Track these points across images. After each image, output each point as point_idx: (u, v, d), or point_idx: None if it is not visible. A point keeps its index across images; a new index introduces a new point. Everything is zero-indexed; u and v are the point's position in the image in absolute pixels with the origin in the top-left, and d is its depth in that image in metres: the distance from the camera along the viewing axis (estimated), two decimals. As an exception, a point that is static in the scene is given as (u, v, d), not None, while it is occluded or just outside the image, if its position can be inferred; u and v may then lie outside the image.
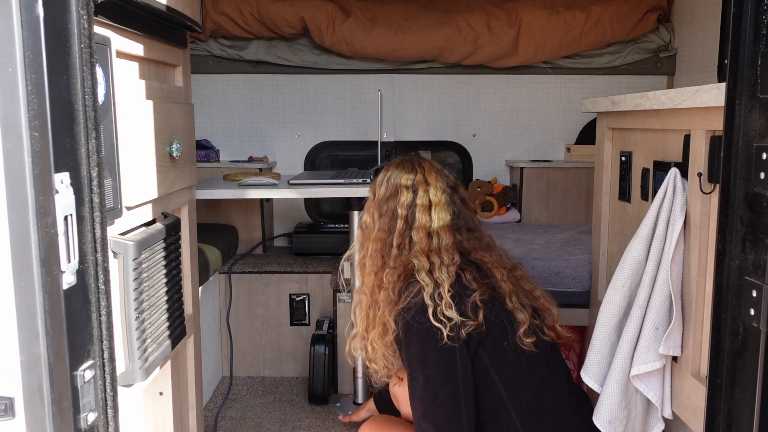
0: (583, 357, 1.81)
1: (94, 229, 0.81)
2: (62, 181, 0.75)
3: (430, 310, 1.47)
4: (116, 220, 1.21)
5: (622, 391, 1.50)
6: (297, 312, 2.86)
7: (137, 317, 1.23)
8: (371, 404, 2.22)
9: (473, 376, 1.48)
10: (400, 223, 1.60)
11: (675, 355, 1.48)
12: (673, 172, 1.47)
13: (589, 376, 1.58)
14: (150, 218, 1.40)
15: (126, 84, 1.26)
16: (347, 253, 1.78)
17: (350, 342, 1.74)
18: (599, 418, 1.52)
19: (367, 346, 1.65)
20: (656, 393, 1.49)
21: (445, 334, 1.45)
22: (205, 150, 3.25)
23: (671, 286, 1.42)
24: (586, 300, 2.27)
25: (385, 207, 1.63)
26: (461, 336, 1.46)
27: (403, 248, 1.60)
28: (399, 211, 1.61)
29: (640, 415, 1.53)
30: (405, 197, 1.61)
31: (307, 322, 2.86)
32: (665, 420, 1.56)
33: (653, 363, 1.44)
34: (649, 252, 1.49)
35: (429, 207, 1.60)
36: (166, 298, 1.40)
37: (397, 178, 1.65)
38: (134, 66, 1.36)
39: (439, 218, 1.59)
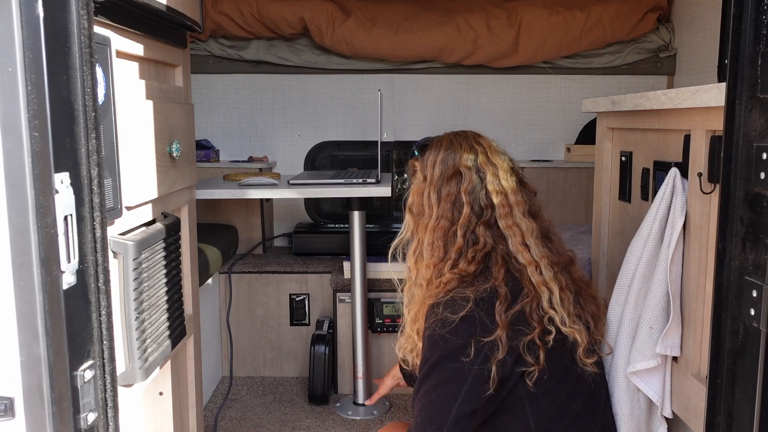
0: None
1: (94, 229, 0.81)
2: (62, 181, 0.75)
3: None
4: (116, 220, 1.21)
5: (619, 387, 1.52)
6: (297, 312, 2.86)
7: (137, 317, 1.22)
8: (395, 371, 1.97)
9: (506, 406, 1.37)
10: (466, 210, 1.42)
11: (674, 355, 1.48)
12: (673, 172, 1.47)
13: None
14: (150, 218, 1.40)
15: (126, 84, 1.26)
16: (397, 241, 1.55)
17: (400, 344, 1.57)
18: None
19: (417, 342, 1.49)
20: (657, 392, 1.49)
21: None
22: (205, 150, 3.25)
23: (670, 287, 1.43)
24: (586, 300, 2.27)
25: (446, 190, 1.44)
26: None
27: (469, 239, 1.42)
28: (464, 197, 1.43)
29: (644, 414, 1.53)
30: (468, 182, 1.44)
31: (307, 322, 2.86)
32: (665, 420, 1.57)
33: (647, 361, 1.46)
34: (651, 252, 1.50)
35: (504, 192, 1.45)
36: (166, 298, 1.40)
37: (455, 158, 1.46)
38: (134, 66, 1.36)
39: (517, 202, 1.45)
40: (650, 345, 1.45)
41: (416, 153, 1.55)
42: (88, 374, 0.80)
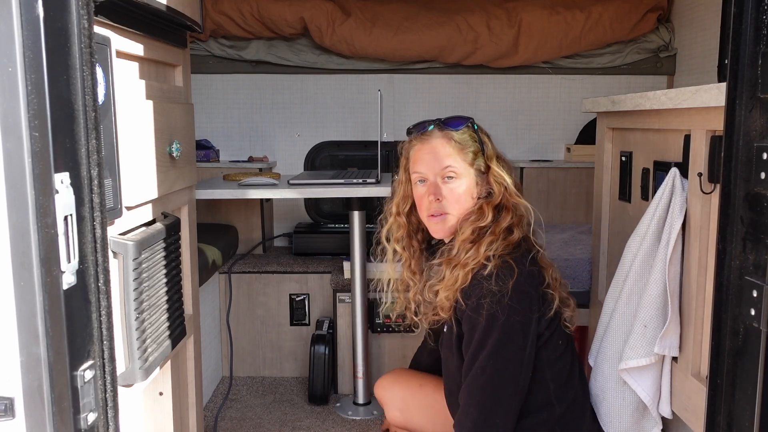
0: (582, 355, 1.83)
1: (94, 229, 0.81)
2: (62, 181, 0.75)
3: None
4: (116, 220, 1.21)
5: (602, 374, 1.58)
6: (297, 312, 2.85)
7: (137, 317, 1.22)
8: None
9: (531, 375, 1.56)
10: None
11: (672, 355, 1.48)
12: (673, 172, 1.47)
13: (592, 358, 1.70)
14: (150, 218, 1.40)
15: (126, 84, 1.26)
16: None
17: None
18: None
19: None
20: (647, 391, 1.50)
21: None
22: (205, 150, 3.25)
23: (668, 286, 1.43)
24: (586, 300, 2.27)
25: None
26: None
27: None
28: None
29: (629, 408, 1.55)
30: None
31: (307, 322, 2.86)
32: (665, 420, 1.56)
33: (639, 359, 1.47)
34: (647, 250, 1.50)
35: None
36: (166, 298, 1.40)
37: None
38: (134, 66, 1.36)
39: None
40: (643, 343, 1.46)
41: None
42: (88, 374, 0.80)
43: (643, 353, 1.46)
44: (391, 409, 1.96)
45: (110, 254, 1.13)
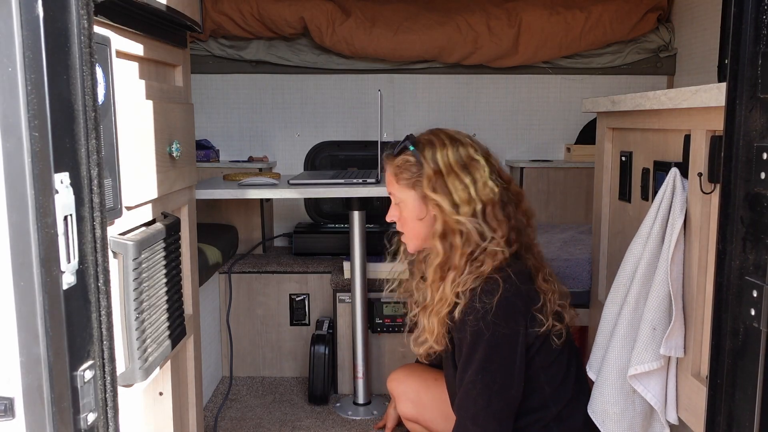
0: (583, 356, 1.82)
1: (94, 229, 0.81)
2: (62, 181, 0.75)
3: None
4: (116, 220, 1.20)
5: (611, 386, 1.54)
6: (297, 312, 2.85)
7: (137, 317, 1.22)
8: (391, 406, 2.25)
9: (526, 379, 1.56)
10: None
11: (678, 356, 1.46)
12: (674, 172, 1.47)
13: (593, 371, 1.64)
14: (150, 218, 1.40)
15: (126, 84, 1.26)
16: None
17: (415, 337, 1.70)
18: (590, 408, 1.58)
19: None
20: (657, 396, 1.48)
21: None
22: (205, 150, 3.25)
23: (671, 287, 1.42)
24: (586, 300, 2.27)
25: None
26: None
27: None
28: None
29: (639, 416, 1.52)
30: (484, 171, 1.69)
31: (307, 322, 2.86)
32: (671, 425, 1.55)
33: (650, 363, 1.44)
34: (651, 253, 1.49)
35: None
36: (166, 298, 1.40)
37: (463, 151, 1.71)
38: (134, 66, 1.36)
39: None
40: (653, 347, 1.43)
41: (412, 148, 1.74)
42: (88, 374, 0.80)
43: (653, 357, 1.43)
44: (403, 401, 1.98)
45: (110, 254, 1.13)
